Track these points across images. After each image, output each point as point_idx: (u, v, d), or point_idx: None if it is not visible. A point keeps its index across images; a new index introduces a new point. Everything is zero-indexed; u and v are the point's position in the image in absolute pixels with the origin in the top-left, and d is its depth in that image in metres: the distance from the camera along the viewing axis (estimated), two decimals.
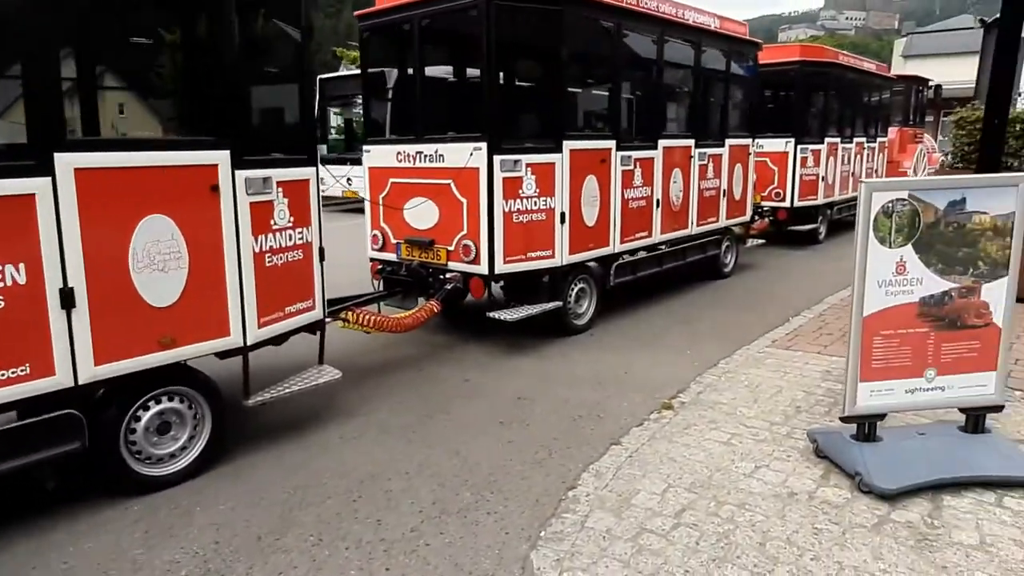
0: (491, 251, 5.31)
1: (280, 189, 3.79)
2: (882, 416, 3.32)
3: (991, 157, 3.86)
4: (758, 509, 3.07)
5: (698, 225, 7.55)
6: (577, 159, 5.68)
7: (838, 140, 11.06)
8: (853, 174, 11.69)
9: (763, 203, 9.92)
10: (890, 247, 3.17)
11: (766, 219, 10.04)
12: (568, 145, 5.58)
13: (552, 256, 5.63)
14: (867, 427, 3.31)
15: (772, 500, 3.14)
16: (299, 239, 3.97)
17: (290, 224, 3.89)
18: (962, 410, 3.39)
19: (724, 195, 7.94)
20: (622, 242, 6.40)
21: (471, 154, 5.24)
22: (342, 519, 3.16)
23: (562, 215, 5.61)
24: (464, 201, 5.40)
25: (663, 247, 7.14)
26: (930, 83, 16.19)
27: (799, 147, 10.16)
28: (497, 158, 5.20)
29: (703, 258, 7.90)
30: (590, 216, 5.94)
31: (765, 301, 7.36)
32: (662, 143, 6.72)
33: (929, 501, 3.09)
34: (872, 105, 12.55)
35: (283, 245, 3.84)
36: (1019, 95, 7.79)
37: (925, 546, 2.77)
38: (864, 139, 12.19)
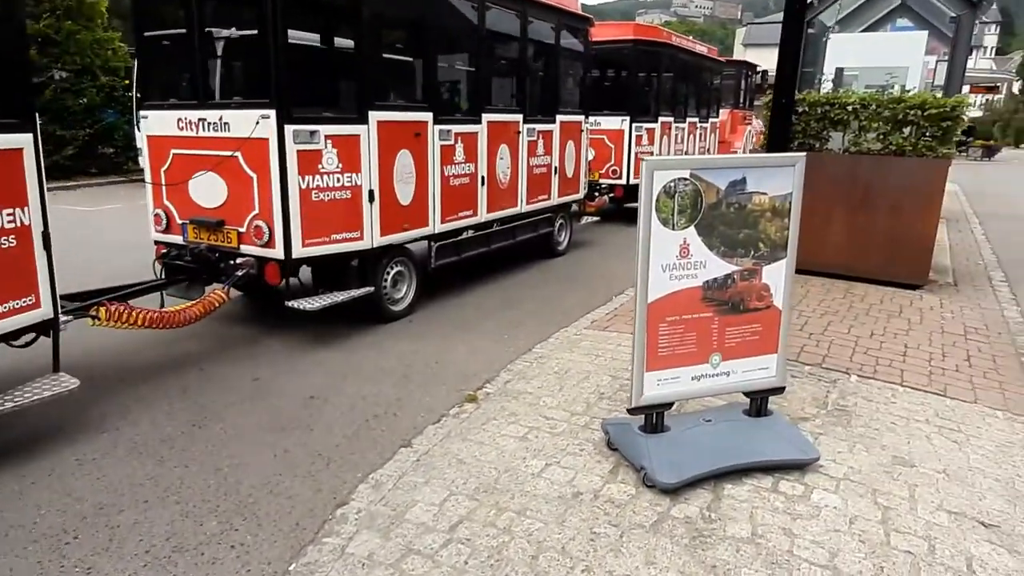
0: (287, 233, 4.74)
1: None
2: (669, 405, 3.21)
3: (779, 136, 3.85)
4: (538, 515, 2.84)
5: (528, 203, 7.36)
6: (387, 132, 5.21)
7: (671, 119, 11.38)
8: (686, 153, 12.10)
9: (601, 180, 9.96)
10: (673, 229, 3.01)
11: (604, 196, 10.11)
12: (376, 116, 5.09)
13: (361, 238, 5.15)
14: (654, 417, 3.19)
15: (555, 503, 2.93)
16: (8, 223, 3.23)
17: None
18: (746, 394, 3.36)
19: (556, 172, 7.80)
20: (443, 222, 6.04)
21: (257, 123, 4.61)
22: (43, 570, 2.56)
23: (371, 193, 5.13)
24: (254, 176, 4.77)
25: (491, 226, 6.88)
26: (758, 69, 17.21)
27: (634, 125, 10.30)
28: (289, 128, 4.61)
29: (535, 236, 7.74)
30: (405, 194, 5.51)
31: (595, 279, 7.33)
32: (486, 117, 6.40)
33: (710, 492, 3.01)
34: (704, 87, 13.05)
35: None
36: (820, 80, 8.26)
37: (699, 544, 2.65)
38: (697, 119, 12.66)
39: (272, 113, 4.57)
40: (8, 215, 3.22)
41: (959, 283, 7.19)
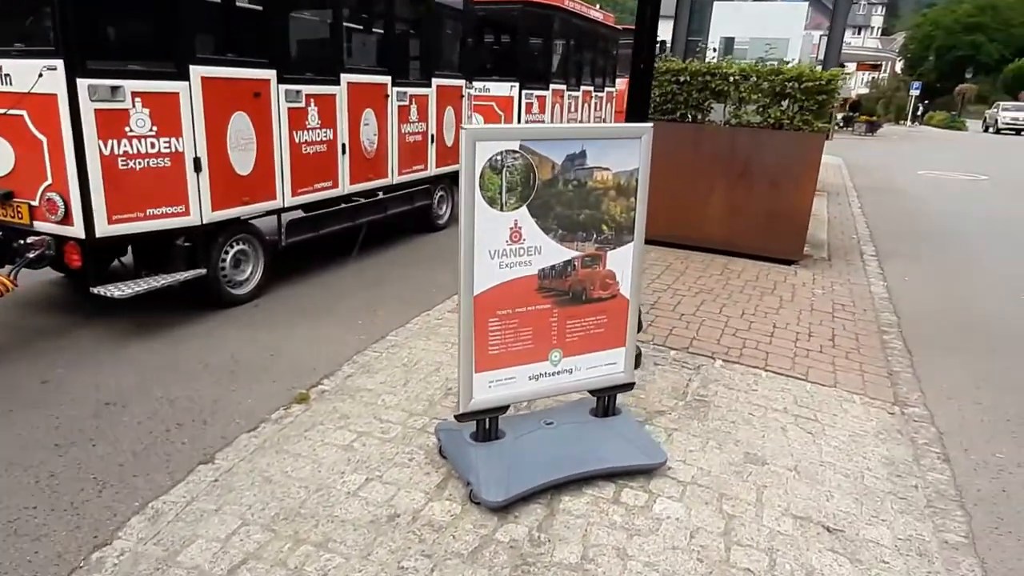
0: (87, 207, 4.02)
1: None
2: (504, 409, 2.84)
3: (638, 106, 3.52)
4: (341, 547, 2.42)
5: (401, 174, 6.81)
6: (215, 90, 4.52)
7: (564, 87, 11.02)
8: (581, 122, 11.81)
9: None
10: (502, 209, 2.61)
11: None
12: (199, 71, 4.39)
13: (186, 213, 4.48)
14: (487, 423, 2.82)
15: (365, 530, 2.51)
16: None
17: None
18: (592, 392, 3.04)
19: (433, 141, 7.27)
20: (296, 194, 5.42)
21: (40, 75, 3.85)
22: None
23: (196, 161, 4.45)
24: (44, 140, 4.01)
25: (357, 199, 6.31)
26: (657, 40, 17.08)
27: (524, 92, 9.86)
28: (83, 82, 3.86)
29: (412, 210, 7.22)
30: (243, 163, 4.85)
31: None
32: (346, 78, 5.78)
33: (545, 506, 2.68)
34: (600, 54, 12.75)
35: None
36: (705, 49, 8.11)
37: (520, 574, 2.32)
38: (592, 88, 12.37)
39: (59, 64, 3.81)
40: None
41: (833, 257, 7.27)
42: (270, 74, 4.97)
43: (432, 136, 7.22)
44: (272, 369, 4.02)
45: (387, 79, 6.36)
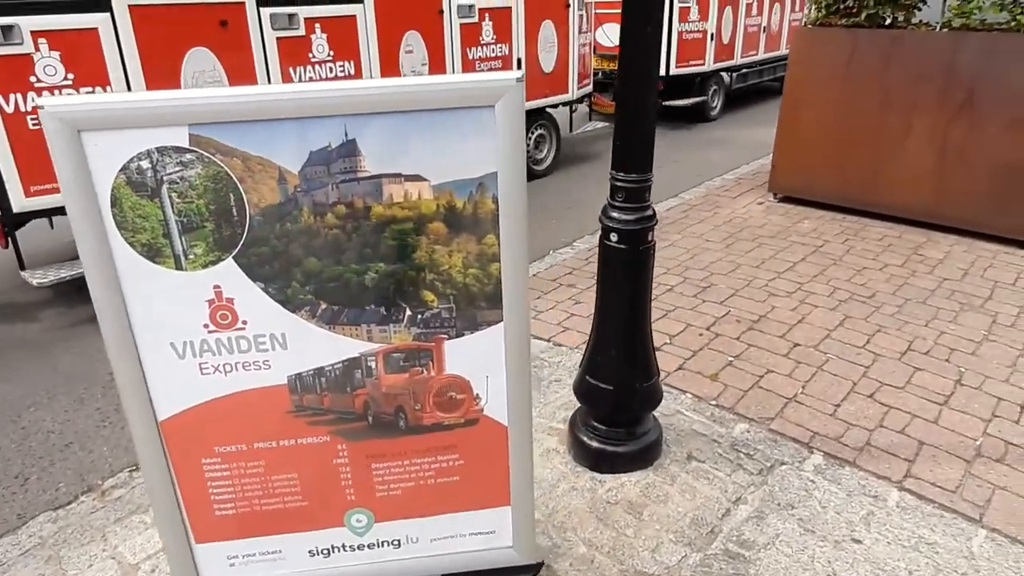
0: None
1: None
2: None
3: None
4: None
5: None
6: None
7: None
8: (766, 28, 9.20)
9: (608, 69, 7.64)
10: (180, 267, 1.29)
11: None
12: None
13: None
14: None
15: None
16: None
17: None
18: None
19: (520, 67, 5.76)
20: None
21: None
22: None
23: None
24: None
25: None
26: None
27: None
28: None
29: None
30: None
31: (565, 213, 5.44)
32: None
33: None
34: None
35: None
36: None
37: None
38: None
39: None
40: None
41: None
42: None
43: (519, 62, 5.70)
44: None
45: None
